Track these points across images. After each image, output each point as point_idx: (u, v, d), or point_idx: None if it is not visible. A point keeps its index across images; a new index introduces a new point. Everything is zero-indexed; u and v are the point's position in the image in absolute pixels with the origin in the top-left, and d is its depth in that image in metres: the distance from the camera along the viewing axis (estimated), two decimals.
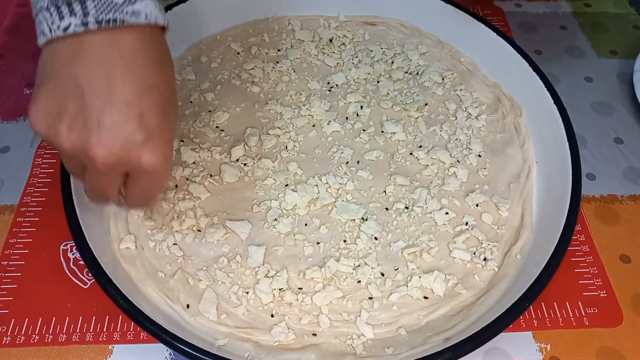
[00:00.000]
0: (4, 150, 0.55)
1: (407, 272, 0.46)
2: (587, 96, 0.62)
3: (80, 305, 0.45)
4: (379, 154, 0.53)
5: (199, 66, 0.60)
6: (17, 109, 0.58)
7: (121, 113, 0.33)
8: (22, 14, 0.68)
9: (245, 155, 0.52)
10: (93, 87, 0.33)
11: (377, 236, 0.48)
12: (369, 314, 0.43)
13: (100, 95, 0.33)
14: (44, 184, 0.52)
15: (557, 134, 0.51)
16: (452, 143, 0.54)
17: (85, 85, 0.33)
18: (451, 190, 0.51)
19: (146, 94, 0.34)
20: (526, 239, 0.47)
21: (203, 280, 0.44)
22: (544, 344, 0.44)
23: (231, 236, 0.47)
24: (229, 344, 0.41)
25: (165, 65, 0.36)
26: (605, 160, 0.56)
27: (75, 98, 0.33)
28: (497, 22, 0.69)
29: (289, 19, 0.64)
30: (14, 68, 0.62)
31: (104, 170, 0.35)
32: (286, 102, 0.57)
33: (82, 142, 0.33)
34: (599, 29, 0.70)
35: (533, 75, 0.55)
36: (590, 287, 0.47)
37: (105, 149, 0.33)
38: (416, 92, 0.58)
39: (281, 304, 0.44)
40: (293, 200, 0.49)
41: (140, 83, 0.34)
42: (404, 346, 0.41)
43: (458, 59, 0.61)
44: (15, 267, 0.47)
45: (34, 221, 0.50)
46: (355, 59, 0.61)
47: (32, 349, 0.43)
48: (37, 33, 0.34)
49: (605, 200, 0.54)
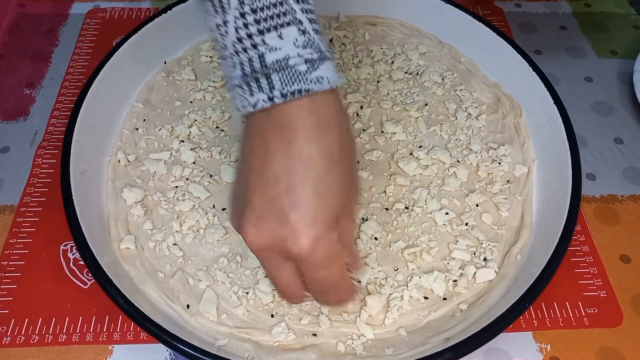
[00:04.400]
0: (4, 150, 0.55)
1: (407, 272, 0.46)
2: (587, 96, 0.62)
3: (80, 305, 0.45)
4: (379, 154, 0.53)
5: (199, 66, 0.60)
6: (17, 109, 0.58)
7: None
8: (22, 14, 0.68)
9: None
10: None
11: (377, 236, 0.48)
12: (369, 314, 0.43)
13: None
14: (44, 184, 0.52)
15: (557, 134, 0.51)
16: (452, 143, 0.54)
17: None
18: (451, 191, 0.51)
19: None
20: (526, 239, 0.47)
21: (203, 280, 0.44)
22: (544, 344, 0.44)
23: (231, 236, 0.47)
24: (229, 344, 0.41)
25: (348, 129, 0.36)
26: (605, 160, 0.56)
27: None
28: (497, 22, 0.69)
29: None
30: (14, 68, 0.62)
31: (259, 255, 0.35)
32: None
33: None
34: (599, 29, 0.70)
35: (533, 75, 0.55)
36: (590, 287, 0.47)
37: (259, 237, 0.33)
38: (416, 92, 0.58)
39: (281, 304, 0.44)
40: None
41: (327, 154, 0.33)
42: (404, 346, 0.41)
43: (458, 59, 0.61)
44: (15, 267, 0.47)
45: (34, 221, 0.50)
46: (355, 59, 0.61)
47: (32, 349, 0.43)
48: (234, 108, 0.34)
49: (605, 200, 0.54)
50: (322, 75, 0.33)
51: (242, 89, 0.33)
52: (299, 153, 0.32)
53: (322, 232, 0.33)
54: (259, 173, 0.33)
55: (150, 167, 0.51)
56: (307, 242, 0.32)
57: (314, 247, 0.32)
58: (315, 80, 0.33)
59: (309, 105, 0.33)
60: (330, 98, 0.34)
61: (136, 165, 0.51)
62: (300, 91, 0.32)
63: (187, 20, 0.59)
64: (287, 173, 0.32)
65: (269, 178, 0.33)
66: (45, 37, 0.65)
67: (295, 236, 0.32)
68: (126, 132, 0.53)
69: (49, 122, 0.57)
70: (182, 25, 0.59)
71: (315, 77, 0.33)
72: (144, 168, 0.51)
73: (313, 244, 0.32)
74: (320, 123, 0.33)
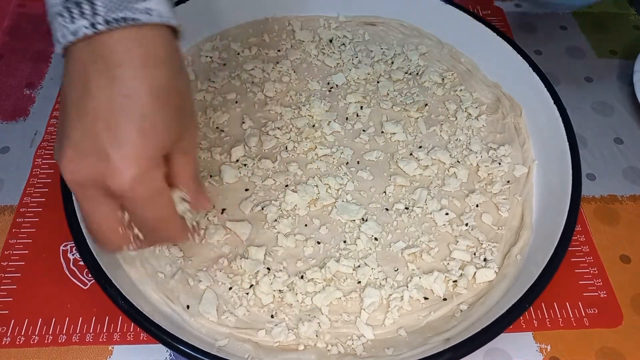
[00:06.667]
0: (4, 150, 0.55)
1: (407, 273, 0.46)
2: (587, 96, 0.62)
3: (80, 305, 0.45)
4: (379, 155, 0.53)
5: (199, 66, 0.60)
6: (17, 109, 0.58)
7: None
8: (22, 14, 0.68)
9: (245, 156, 0.52)
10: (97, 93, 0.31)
11: (377, 237, 0.48)
12: (369, 315, 0.43)
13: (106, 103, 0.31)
14: (44, 184, 0.52)
15: (557, 134, 0.51)
16: (452, 143, 0.54)
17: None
18: (451, 191, 0.51)
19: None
20: (526, 240, 0.47)
21: (203, 281, 0.44)
22: (544, 344, 0.44)
23: (231, 237, 0.47)
24: (229, 344, 0.41)
25: (182, 67, 0.34)
26: (605, 160, 0.56)
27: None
28: (497, 22, 0.69)
29: (289, 20, 0.64)
30: (14, 68, 0.62)
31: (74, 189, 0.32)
32: (286, 103, 0.57)
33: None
34: (599, 29, 0.69)
35: (533, 75, 0.55)
36: (590, 288, 0.47)
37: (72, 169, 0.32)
38: (416, 92, 0.58)
39: (281, 304, 0.44)
40: (293, 200, 0.49)
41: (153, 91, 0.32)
42: (404, 347, 0.41)
43: (458, 59, 0.61)
44: (15, 268, 0.47)
45: (34, 222, 0.50)
46: (355, 59, 0.61)
47: (32, 350, 0.43)
48: (54, 42, 0.32)
49: (605, 200, 0.54)
50: (152, 8, 0.31)
51: (62, 16, 0.30)
52: (122, 88, 0.31)
53: (143, 170, 0.31)
54: (77, 107, 0.31)
55: None
56: (128, 179, 0.31)
57: (135, 184, 0.31)
58: (145, 10, 0.31)
59: (136, 36, 0.31)
60: (161, 34, 0.32)
61: None
62: (126, 19, 0.30)
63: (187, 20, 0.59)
64: (109, 109, 0.31)
65: (87, 112, 0.31)
66: (45, 37, 0.65)
67: (115, 173, 0.31)
68: None
69: (49, 122, 0.57)
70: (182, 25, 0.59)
71: (145, 7, 0.31)
72: None
73: (134, 181, 0.31)
74: (148, 57, 0.31)
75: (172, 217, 0.36)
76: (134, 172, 0.31)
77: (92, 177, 0.32)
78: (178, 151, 0.35)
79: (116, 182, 0.31)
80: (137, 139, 0.31)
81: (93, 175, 0.31)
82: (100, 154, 0.31)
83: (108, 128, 0.31)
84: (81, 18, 0.30)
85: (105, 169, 0.31)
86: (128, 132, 0.31)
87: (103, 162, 0.31)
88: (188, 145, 0.36)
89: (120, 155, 0.31)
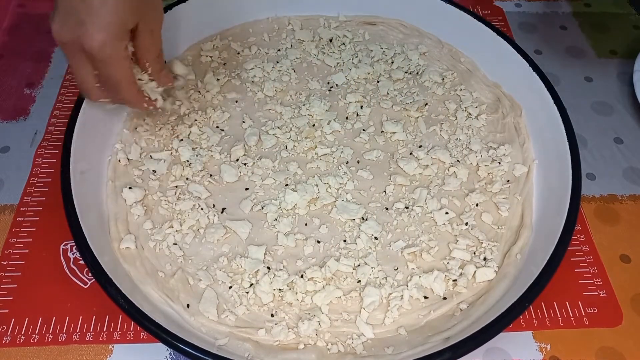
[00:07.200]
0: (4, 150, 0.55)
1: (407, 272, 0.46)
2: (587, 96, 0.62)
3: (80, 305, 0.45)
4: (379, 154, 0.53)
5: (199, 66, 0.60)
6: (17, 109, 0.58)
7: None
8: (22, 14, 0.68)
9: (245, 155, 0.52)
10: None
11: (377, 236, 0.48)
12: (369, 314, 0.43)
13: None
14: (44, 183, 0.52)
15: (557, 134, 0.51)
16: (452, 143, 0.54)
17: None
18: (451, 190, 0.51)
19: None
20: (526, 239, 0.47)
21: (203, 280, 0.44)
22: (544, 343, 0.44)
23: (231, 236, 0.47)
24: (229, 343, 0.41)
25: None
26: (605, 160, 0.56)
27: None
28: (497, 22, 0.69)
29: (289, 19, 0.65)
30: (14, 68, 0.62)
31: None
32: (286, 102, 0.57)
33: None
34: (599, 29, 0.70)
35: (533, 75, 0.55)
36: (590, 287, 0.47)
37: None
38: (416, 92, 0.58)
39: (281, 303, 0.44)
40: (293, 200, 0.49)
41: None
42: (404, 346, 0.41)
43: (458, 59, 0.61)
44: (16, 267, 0.47)
45: (34, 221, 0.50)
46: (355, 58, 0.61)
47: (32, 349, 0.43)
48: None
49: (605, 200, 0.54)
50: None
51: None
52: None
53: (110, 37, 0.40)
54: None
55: (150, 166, 0.51)
56: (96, 43, 0.39)
57: (101, 47, 0.40)
58: None
59: None
60: None
61: (136, 164, 0.51)
62: None
63: (187, 20, 0.60)
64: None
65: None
66: (45, 37, 0.65)
67: (86, 36, 0.39)
68: (126, 132, 0.53)
69: (49, 122, 0.57)
70: (182, 25, 0.59)
71: None
72: (144, 168, 0.51)
73: (101, 44, 0.39)
74: None
75: (129, 82, 0.44)
76: (102, 37, 0.39)
77: (72, 38, 0.40)
78: (144, 30, 0.43)
79: (87, 43, 0.39)
80: (106, 11, 0.39)
81: (72, 37, 0.40)
82: (78, 21, 0.39)
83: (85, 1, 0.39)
84: None
85: (80, 32, 0.39)
86: (101, 5, 0.39)
87: (79, 28, 0.39)
88: (154, 25, 0.44)
89: (92, 23, 0.39)
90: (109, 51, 0.40)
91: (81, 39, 0.40)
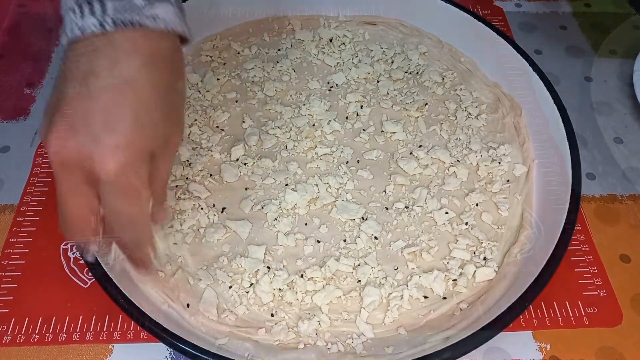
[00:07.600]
0: (4, 150, 0.55)
1: (407, 272, 0.46)
2: (587, 96, 0.62)
3: (81, 304, 0.45)
4: (379, 154, 0.53)
5: (199, 66, 0.60)
6: (17, 109, 0.58)
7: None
8: (22, 14, 0.68)
9: (245, 155, 0.52)
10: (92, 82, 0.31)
11: (377, 236, 0.48)
12: (369, 314, 0.43)
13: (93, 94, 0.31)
14: (44, 183, 0.52)
15: (557, 134, 0.51)
16: (452, 143, 0.54)
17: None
18: (451, 190, 0.51)
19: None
20: (526, 239, 0.47)
21: (203, 279, 0.44)
22: (544, 343, 0.44)
23: (231, 236, 0.47)
24: (229, 343, 0.41)
25: (182, 74, 0.35)
26: (605, 160, 0.57)
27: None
28: (497, 22, 0.69)
29: (289, 19, 0.65)
30: (14, 68, 0.62)
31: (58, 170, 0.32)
32: (286, 102, 0.57)
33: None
34: (599, 29, 0.70)
35: (533, 75, 0.55)
36: (590, 287, 0.47)
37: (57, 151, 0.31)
38: (416, 91, 0.58)
39: (281, 303, 0.44)
40: (293, 199, 0.49)
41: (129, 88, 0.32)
42: (404, 345, 0.41)
43: (458, 59, 0.61)
44: (16, 267, 0.47)
45: (34, 221, 0.50)
46: (355, 58, 0.61)
47: (32, 348, 0.43)
48: (60, 34, 0.33)
49: (605, 200, 0.54)
50: (157, 14, 0.32)
51: (74, 12, 0.32)
52: (126, 75, 0.31)
53: (132, 160, 0.31)
54: (80, 84, 0.31)
55: None
56: (114, 166, 0.30)
57: (119, 172, 0.30)
58: (151, 17, 0.32)
59: (142, 37, 0.32)
60: (167, 37, 0.34)
61: None
62: (133, 23, 0.31)
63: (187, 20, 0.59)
64: (110, 91, 0.31)
65: (90, 92, 0.31)
66: (45, 37, 0.65)
67: (104, 157, 0.30)
68: None
69: None
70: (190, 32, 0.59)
71: (152, 14, 0.32)
72: None
73: (119, 169, 0.30)
74: (153, 55, 0.32)
75: (145, 218, 0.35)
76: (122, 161, 0.30)
77: (78, 157, 0.31)
78: (161, 155, 0.34)
79: (102, 167, 0.30)
80: (131, 128, 0.31)
81: (79, 155, 0.31)
82: (91, 135, 0.30)
83: (104, 110, 0.30)
84: (91, 16, 0.31)
85: (93, 152, 0.30)
86: (124, 119, 0.31)
87: (92, 144, 0.30)
88: (171, 151, 0.36)
89: (112, 142, 0.30)
90: (127, 179, 0.31)
91: (92, 160, 0.30)
